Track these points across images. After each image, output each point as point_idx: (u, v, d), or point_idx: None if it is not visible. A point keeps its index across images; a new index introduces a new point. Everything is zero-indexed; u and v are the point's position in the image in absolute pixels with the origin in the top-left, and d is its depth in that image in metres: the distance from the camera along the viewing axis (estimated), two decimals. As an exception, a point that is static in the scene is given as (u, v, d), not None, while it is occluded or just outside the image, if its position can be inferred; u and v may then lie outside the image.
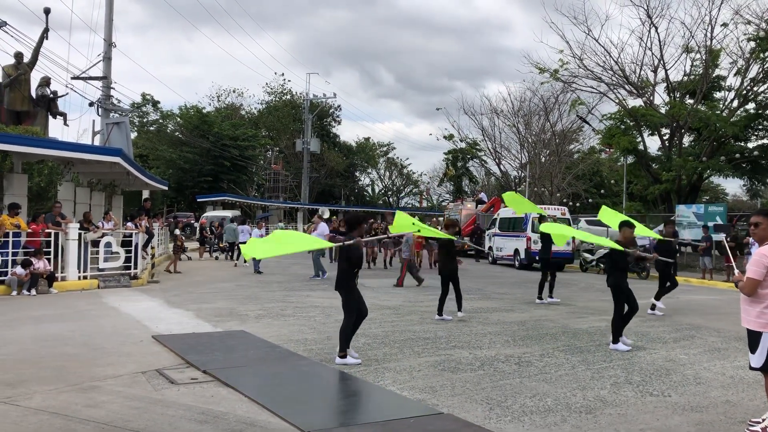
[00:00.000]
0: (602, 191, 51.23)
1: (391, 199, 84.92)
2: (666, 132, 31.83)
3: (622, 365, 7.55)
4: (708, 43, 28.43)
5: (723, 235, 19.33)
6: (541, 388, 6.39)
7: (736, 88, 29.34)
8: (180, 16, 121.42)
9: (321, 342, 8.51)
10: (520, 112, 41.77)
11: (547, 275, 13.81)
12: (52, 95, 20.63)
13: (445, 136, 53.28)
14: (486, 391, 6.24)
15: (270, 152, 69.62)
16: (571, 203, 44.56)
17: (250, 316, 10.63)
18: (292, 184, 65.68)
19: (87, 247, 14.65)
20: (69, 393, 5.87)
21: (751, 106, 29.63)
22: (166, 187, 28.92)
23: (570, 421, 5.38)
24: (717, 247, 20.55)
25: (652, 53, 30.23)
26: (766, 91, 28.63)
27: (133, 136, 41.73)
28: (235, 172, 56.88)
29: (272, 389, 6.20)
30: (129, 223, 17.38)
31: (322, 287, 15.52)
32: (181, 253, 20.80)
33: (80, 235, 14.36)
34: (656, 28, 29.54)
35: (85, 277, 14.43)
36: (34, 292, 12.89)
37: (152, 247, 18.98)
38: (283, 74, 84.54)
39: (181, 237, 21.24)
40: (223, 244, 27.35)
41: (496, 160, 46.50)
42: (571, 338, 9.31)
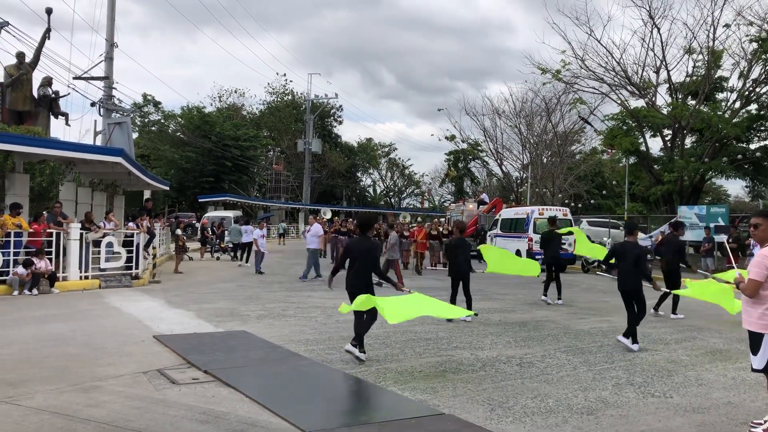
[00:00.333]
0: (604, 192, 51.19)
1: (392, 200, 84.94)
2: (668, 133, 31.78)
3: (623, 366, 7.54)
4: (710, 44, 28.39)
5: (724, 237, 19.33)
6: (543, 389, 6.38)
7: (738, 90, 29.30)
8: (182, 17, 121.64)
9: (322, 342, 8.51)
10: (521, 113, 41.78)
11: (553, 276, 13.83)
12: (53, 95, 20.66)
13: (447, 137, 53.35)
14: (487, 392, 6.23)
15: (271, 152, 69.70)
16: (573, 204, 44.51)
17: (252, 317, 10.63)
18: (294, 185, 65.75)
19: (88, 247, 14.66)
20: (70, 393, 5.87)
21: (753, 108, 29.59)
22: (167, 188, 28.96)
23: (571, 422, 5.37)
24: (719, 249, 20.52)
25: (654, 54, 30.20)
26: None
27: (134, 136, 41.78)
28: (237, 173, 56.95)
29: (273, 389, 6.19)
30: (130, 223, 17.39)
31: (324, 288, 15.50)
32: (183, 253, 20.80)
33: (82, 235, 14.37)
34: (658, 29, 29.51)
35: (86, 277, 14.44)
36: (35, 291, 12.91)
37: (153, 248, 18.99)
38: (285, 75, 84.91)
39: (182, 237, 21.24)
40: (225, 245, 27.36)
41: (498, 161, 46.53)
42: (573, 339, 9.30)
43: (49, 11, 20.66)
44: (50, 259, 13.72)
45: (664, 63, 30.25)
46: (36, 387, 6.01)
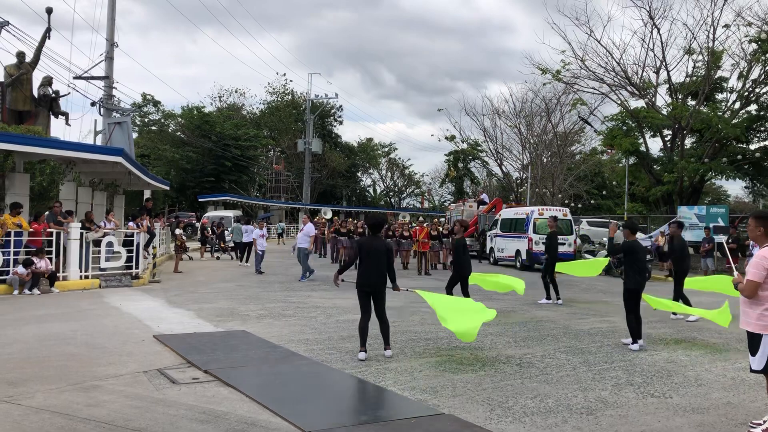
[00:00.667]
0: (604, 192, 51.23)
1: (392, 200, 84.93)
2: (668, 133, 31.80)
3: (623, 366, 7.54)
4: (710, 44, 28.41)
5: (723, 237, 19.32)
6: (543, 389, 6.39)
7: (738, 90, 29.33)
8: (182, 17, 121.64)
9: (322, 342, 8.51)
10: (521, 113, 41.84)
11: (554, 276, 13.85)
12: (54, 95, 20.67)
13: (447, 137, 53.42)
14: (487, 392, 6.24)
15: (272, 152, 69.68)
16: (573, 204, 44.54)
17: (252, 316, 10.64)
18: (294, 185, 65.75)
19: (88, 247, 14.67)
20: (70, 392, 5.88)
21: (753, 108, 29.62)
22: (167, 187, 28.95)
23: (571, 422, 5.38)
24: (718, 249, 20.52)
25: (654, 54, 30.23)
26: (767, 93, 28.62)
27: (134, 136, 41.78)
28: (237, 172, 56.91)
29: (273, 389, 6.20)
30: (131, 223, 17.40)
31: (324, 288, 15.51)
32: (182, 252, 20.80)
33: (82, 234, 14.38)
34: (658, 30, 29.54)
35: (86, 277, 14.44)
36: (36, 291, 12.91)
37: (154, 247, 18.99)
38: (285, 74, 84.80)
39: (180, 236, 21.24)
40: (225, 244, 27.35)
41: (498, 161, 46.57)
42: (573, 339, 9.31)
43: (50, 11, 20.66)
44: (50, 259, 13.73)
45: (664, 63, 30.28)
46: (36, 386, 6.02)
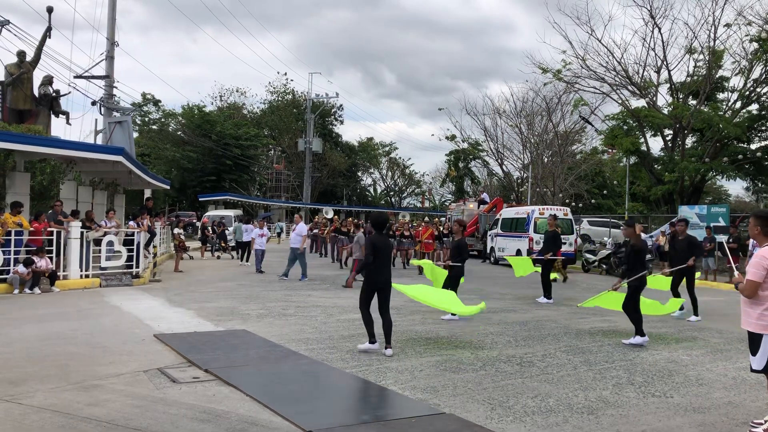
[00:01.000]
0: (605, 192, 51.15)
1: (393, 200, 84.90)
2: (669, 133, 31.78)
3: (624, 366, 7.54)
4: (711, 43, 28.39)
5: (723, 237, 19.30)
6: (543, 389, 6.38)
7: (739, 89, 29.30)
8: (183, 16, 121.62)
9: (322, 341, 8.51)
10: (522, 113, 41.82)
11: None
12: (54, 94, 20.66)
13: (448, 137, 53.43)
14: (488, 392, 6.23)
15: (272, 152, 69.65)
16: (574, 204, 44.49)
17: (252, 316, 10.63)
18: (294, 184, 65.73)
19: (89, 246, 14.67)
20: (71, 391, 5.87)
21: (754, 108, 29.59)
22: (168, 187, 28.95)
23: (572, 421, 5.38)
24: (719, 249, 20.49)
25: (655, 54, 30.20)
26: (768, 92, 28.60)
27: (135, 135, 41.75)
28: (237, 172, 56.89)
29: (274, 388, 6.20)
30: (131, 222, 17.39)
31: (324, 287, 15.52)
32: (183, 252, 20.80)
33: (82, 233, 14.38)
34: (659, 29, 29.52)
35: (87, 276, 14.44)
36: (37, 290, 12.91)
37: (154, 246, 19.00)
38: (286, 74, 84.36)
39: (179, 236, 21.23)
40: (226, 244, 27.35)
41: (499, 161, 46.55)
42: (573, 339, 9.30)
43: (50, 10, 20.65)
44: (51, 258, 13.73)
45: (665, 63, 30.26)
46: (37, 386, 6.01)
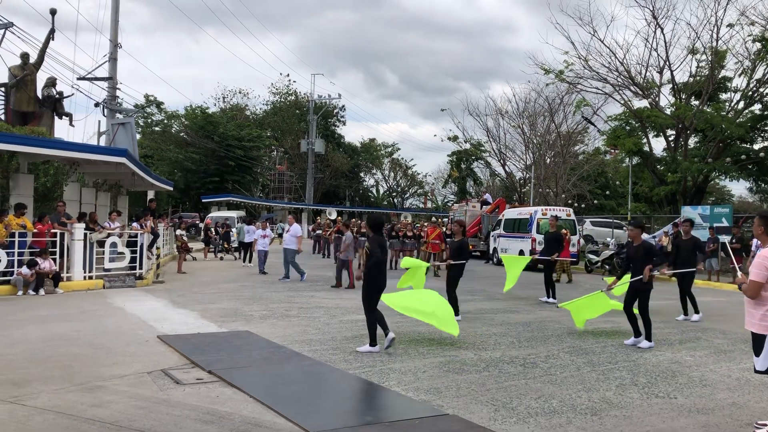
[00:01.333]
0: (607, 192, 51.11)
1: (395, 200, 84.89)
2: (671, 133, 31.75)
3: (627, 367, 7.53)
4: (714, 44, 28.36)
5: (726, 237, 19.25)
6: (547, 390, 6.38)
7: (741, 90, 29.26)
8: (185, 17, 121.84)
9: (325, 342, 8.51)
10: (524, 113, 41.78)
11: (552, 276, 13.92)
12: (57, 96, 20.72)
13: (450, 138, 53.39)
14: (491, 393, 6.23)
15: (275, 153, 69.70)
16: (576, 204, 44.47)
17: (255, 317, 10.64)
18: (297, 185, 65.77)
19: (92, 248, 14.69)
20: (75, 393, 5.88)
21: (756, 108, 29.55)
22: (171, 188, 29.01)
23: (575, 422, 5.37)
24: (723, 249, 20.45)
25: (658, 54, 30.19)
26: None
27: (138, 136, 41.82)
28: (240, 173, 56.96)
29: (277, 389, 6.20)
30: (134, 224, 17.42)
31: (326, 288, 15.53)
32: (186, 253, 20.82)
33: (86, 235, 14.40)
34: (662, 29, 29.51)
35: (90, 278, 14.47)
36: (42, 291, 12.94)
37: (157, 248, 19.03)
38: (288, 75, 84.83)
39: (181, 237, 21.26)
40: (229, 245, 27.37)
41: (501, 161, 46.49)
42: (577, 340, 9.29)
43: (54, 12, 20.73)
44: (54, 260, 13.76)
45: (667, 63, 30.24)
46: (40, 387, 6.02)
